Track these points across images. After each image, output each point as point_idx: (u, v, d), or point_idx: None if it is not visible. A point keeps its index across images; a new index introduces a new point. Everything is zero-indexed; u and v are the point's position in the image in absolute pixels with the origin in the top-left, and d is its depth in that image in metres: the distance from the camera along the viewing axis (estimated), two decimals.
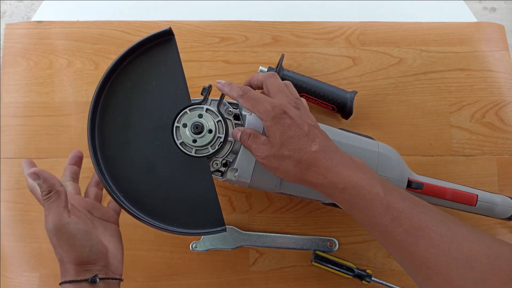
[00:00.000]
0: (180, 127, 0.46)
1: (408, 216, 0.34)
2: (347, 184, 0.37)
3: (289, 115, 0.40)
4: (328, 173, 0.38)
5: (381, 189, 0.36)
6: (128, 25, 0.65)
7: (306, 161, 0.39)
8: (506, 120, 0.64)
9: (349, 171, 0.38)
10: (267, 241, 0.59)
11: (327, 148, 0.40)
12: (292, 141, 0.40)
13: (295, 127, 0.40)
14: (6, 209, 0.59)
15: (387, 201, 0.36)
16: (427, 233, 0.33)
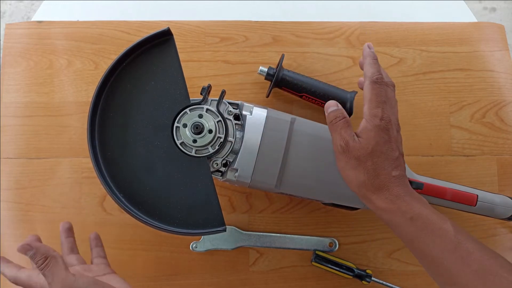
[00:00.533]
0: (180, 127, 0.46)
1: (478, 258, 0.34)
2: (417, 215, 0.38)
3: (389, 134, 0.41)
4: (398, 200, 0.39)
5: (451, 226, 0.37)
6: (128, 25, 0.65)
7: (382, 182, 0.40)
8: (506, 120, 0.64)
9: (419, 204, 0.39)
10: (267, 241, 0.59)
11: (404, 178, 0.41)
12: (379, 156, 0.40)
13: (388, 147, 0.41)
14: (6, 209, 0.59)
15: (457, 239, 0.36)
16: (497, 278, 0.33)
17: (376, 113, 0.41)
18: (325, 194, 0.50)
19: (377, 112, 0.41)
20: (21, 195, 0.60)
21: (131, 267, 0.58)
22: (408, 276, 0.60)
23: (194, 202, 0.45)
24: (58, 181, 0.60)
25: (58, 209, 0.59)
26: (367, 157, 0.40)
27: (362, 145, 0.40)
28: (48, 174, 0.60)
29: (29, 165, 0.60)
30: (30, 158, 0.61)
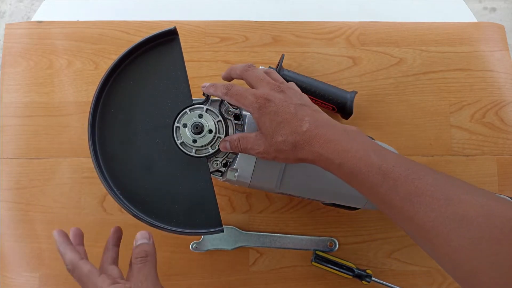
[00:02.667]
0: (180, 127, 0.46)
1: (404, 183, 0.35)
2: (343, 159, 0.38)
3: (273, 101, 0.41)
4: (322, 149, 0.39)
5: (376, 158, 0.37)
6: (128, 25, 0.65)
7: (300, 142, 0.39)
8: (506, 120, 0.64)
9: (343, 144, 0.38)
10: (267, 241, 0.59)
11: (317, 124, 0.40)
12: (282, 126, 0.40)
13: (281, 112, 0.40)
14: (6, 209, 0.59)
15: (382, 171, 0.36)
16: (423, 198, 0.34)
17: (249, 102, 0.41)
18: (325, 194, 0.50)
19: (249, 100, 0.41)
20: (21, 195, 0.60)
21: None
22: (408, 276, 0.60)
23: (193, 202, 0.45)
24: (58, 181, 0.60)
25: (58, 209, 0.59)
26: (274, 136, 0.40)
27: (264, 133, 0.41)
28: (48, 174, 0.60)
29: (29, 165, 0.60)
30: (30, 158, 0.61)
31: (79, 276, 0.41)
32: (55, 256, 0.58)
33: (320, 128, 0.39)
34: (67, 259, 0.42)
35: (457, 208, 0.33)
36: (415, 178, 0.35)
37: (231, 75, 0.46)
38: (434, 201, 0.33)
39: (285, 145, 0.40)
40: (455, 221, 0.32)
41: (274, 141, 0.40)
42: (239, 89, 0.43)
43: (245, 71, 0.45)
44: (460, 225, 0.32)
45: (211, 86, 0.45)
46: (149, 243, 0.44)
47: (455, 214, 0.32)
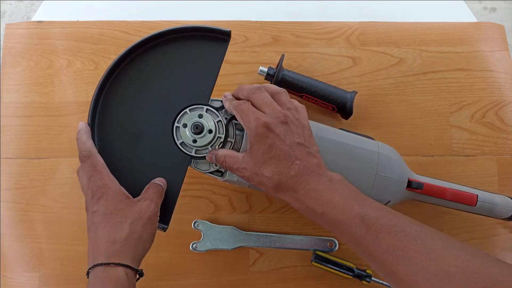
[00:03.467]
0: (180, 127, 0.46)
1: (386, 236, 0.36)
2: (325, 210, 0.38)
3: (273, 132, 0.40)
4: (306, 198, 0.39)
5: (358, 209, 0.37)
6: (128, 25, 0.65)
7: (285, 185, 0.40)
8: (506, 120, 0.64)
9: (326, 195, 0.39)
10: (267, 241, 0.59)
11: (306, 170, 0.40)
12: (272, 162, 0.40)
13: (275, 147, 0.40)
14: (6, 209, 0.59)
15: (365, 223, 0.37)
16: (405, 252, 0.34)
17: (249, 125, 0.41)
18: None
19: (250, 123, 0.41)
20: (21, 195, 0.60)
21: None
22: None
23: None
24: (58, 181, 0.60)
25: (58, 209, 0.59)
26: (262, 168, 0.40)
27: (253, 159, 0.41)
28: (48, 174, 0.60)
29: (29, 165, 0.60)
30: (30, 158, 0.61)
31: (92, 165, 0.43)
32: (55, 256, 0.58)
33: (307, 176, 0.40)
34: (87, 146, 0.44)
35: (438, 263, 0.33)
36: (397, 231, 0.36)
37: (239, 95, 0.46)
38: (416, 256, 0.34)
39: (269, 182, 0.40)
40: (437, 276, 0.33)
41: (260, 172, 0.41)
42: (247, 108, 0.42)
43: (252, 93, 0.44)
44: (441, 280, 0.32)
45: (227, 100, 0.45)
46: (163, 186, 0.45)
47: (437, 269, 0.33)
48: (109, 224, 0.40)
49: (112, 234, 0.40)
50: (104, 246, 0.40)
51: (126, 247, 0.40)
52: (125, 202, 0.42)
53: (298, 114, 0.43)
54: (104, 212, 0.41)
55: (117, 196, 0.42)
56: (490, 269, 0.32)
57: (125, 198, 0.42)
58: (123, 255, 0.40)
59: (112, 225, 0.40)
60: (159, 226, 0.44)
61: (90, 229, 0.42)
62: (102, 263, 0.39)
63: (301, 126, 0.43)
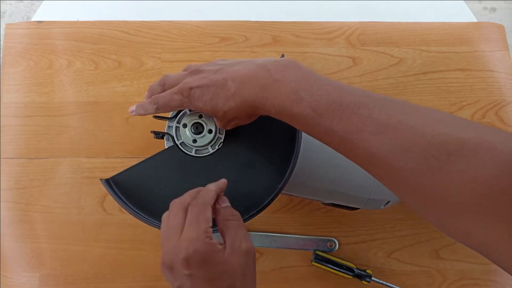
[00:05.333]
0: (180, 127, 0.46)
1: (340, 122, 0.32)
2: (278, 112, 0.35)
3: (195, 85, 0.38)
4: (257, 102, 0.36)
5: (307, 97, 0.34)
6: (128, 25, 0.65)
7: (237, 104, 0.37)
8: (506, 120, 0.64)
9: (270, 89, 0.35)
10: (267, 241, 0.59)
11: (240, 81, 0.37)
12: (214, 100, 0.38)
13: (205, 91, 0.38)
14: (6, 209, 0.59)
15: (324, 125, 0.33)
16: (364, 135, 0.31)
17: (179, 101, 0.39)
18: (325, 194, 0.50)
19: (176, 100, 0.39)
20: (21, 195, 0.60)
21: (131, 267, 0.58)
22: (408, 276, 0.60)
23: None
24: (58, 181, 0.60)
25: (58, 209, 0.59)
26: (218, 112, 0.38)
27: (213, 112, 0.39)
28: (48, 174, 0.60)
29: (29, 165, 0.60)
30: (30, 158, 0.61)
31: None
32: (55, 256, 0.58)
33: (244, 85, 0.36)
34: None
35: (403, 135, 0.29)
36: (352, 114, 0.32)
37: (151, 96, 0.43)
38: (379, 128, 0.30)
39: (231, 113, 0.38)
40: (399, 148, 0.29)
41: (220, 115, 0.39)
42: (163, 95, 0.41)
43: (162, 84, 0.43)
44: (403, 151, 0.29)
45: (139, 107, 0.43)
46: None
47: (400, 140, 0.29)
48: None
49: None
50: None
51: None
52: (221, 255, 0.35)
53: (208, 64, 0.41)
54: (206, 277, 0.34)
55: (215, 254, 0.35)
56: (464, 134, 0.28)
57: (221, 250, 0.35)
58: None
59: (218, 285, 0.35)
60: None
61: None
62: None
63: (212, 64, 0.41)
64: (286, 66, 0.36)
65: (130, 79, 0.63)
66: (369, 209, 0.53)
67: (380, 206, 0.52)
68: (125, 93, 0.62)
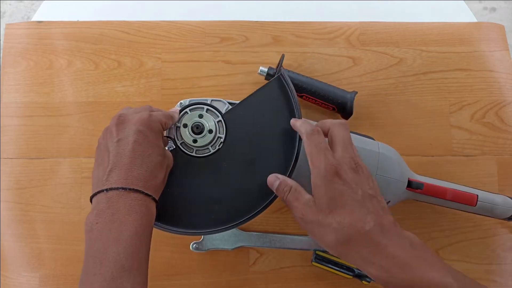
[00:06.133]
0: (181, 127, 0.46)
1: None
2: (416, 282, 0.32)
3: (343, 178, 0.36)
4: (388, 264, 0.33)
5: (456, 284, 0.32)
6: (128, 25, 0.65)
7: (356, 241, 0.34)
8: (506, 120, 0.64)
9: (414, 263, 0.33)
10: (267, 241, 0.59)
11: (383, 228, 0.34)
12: (341, 212, 0.35)
13: (347, 195, 0.35)
14: (6, 209, 0.59)
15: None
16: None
17: (318, 164, 0.37)
18: None
19: (319, 162, 0.37)
20: (21, 195, 0.60)
21: None
22: None
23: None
24: (58, 181, 0.60)
25: (58, 209, 0.59)
26: (329, 217, 0.35)
27: (318, 205, 0.36)
28: (48, 174, 0.60)
29: (29, 165, 0.60)
30: (30, 158, 0.61)
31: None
32: (55, 256, 0.58)
33: (384, 236, 0.34)
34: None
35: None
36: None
37: (321, 126, 0.42)
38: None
39: (336, 235, 0.35)
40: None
41: (326, 221, 0.35)
42: (318, 141, 0.39)
43: (336, 126, 0.40)
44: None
45: (301, 121, 0.43)
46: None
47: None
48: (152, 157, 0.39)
49: (155, 170, 0.38)
50: (145, 174, 0.37)
51: (158, 186, 0.39)
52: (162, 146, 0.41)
53: (366, 169, 0.39)
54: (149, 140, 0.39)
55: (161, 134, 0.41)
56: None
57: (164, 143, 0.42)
58: (154, 192, 0.38)
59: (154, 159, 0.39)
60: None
61: (122, 143, 0.38)
62: (142, 191, 0.36)
63: (371, 179, 0.38)
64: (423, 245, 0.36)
65: (130, 79, 0.63)
66: None
67: None
68: (125, 93, 0.62)
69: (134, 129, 0.39)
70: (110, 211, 0.34)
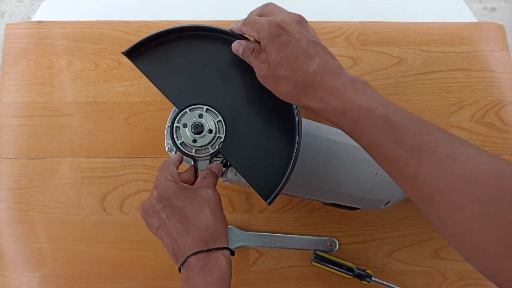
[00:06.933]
0: (180, 127, 0.46)
1: (411, 137, 0.33)
2: (347, 108, 0.35)
3: (286, 30, 0.38)
4: (326, 96, 0.36)
5: (383, 110, 0.34)
6: (128, 25, 0.65)
7: (303, 83, 0.37)
8: (506, 120, 0.64)
9: (348, 93, 0.36)
10: (267, 241, 0.59)
11: (326, 67, 0.37)
12: (288, 60, 0.37)
13: (292, 44, 0.37)
14: (6, 209, 0.59)
15: (388, 123, 0.33)
16: (430, 155, 0.31)
17: (261, 27, 0.39)
18: (325, 194, 0.50)
19: (261, 25, 0.39)
20: (21, 195, 0.60)
21: (131, 267, 0.58)
22: (408, 276, 0.60)
23: None
24: (58, 181, 0.60)
25: (58, 209, 0.59)
26: (278, 68, 0.38)
27: (269, 60, 0.39)
28: (48, 174, 0.60)
29: (29, 165, 0.60)
30: (30, 158, 0.61)
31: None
32: (55, 256, 0.58)
33: (327, 73, 0.37)
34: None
35: (466, 168, 0.30)
36: (424, 134, 0.32)
37: (249, 19, 0.43)
38: (442, 158, 0.31)
39: (287, 82, 0.38)
40: (463, 179, 0.30)
41: (276, 72, 0.38)
42: (256, 18, 0.41)
43: (262, 8, 0.43)
44: (468, 184, 0.29)
45: (239, 23, 0.43)
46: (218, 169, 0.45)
47: (464, 173, 0.30)
48: (188, 215, 0.40)
49: (199, 223, 0.39)
50: (196, 235, 0.39)
51: (218, 230, 0.40)
52: (191, 192, 0.41)
53: (308, 25, 0.41)
54: (174, 205, 0.40)
55: (179, 189, 0.41)
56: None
57: (189, 189, 0.42)
58: (218, 238, 0.40)
59: (192, 215, 0.40)
60: None
61: (161, 227, 0.40)
62: (202, 250, 0.38)
63: (312, 31, 0.41)
64: (364, 83, 0.38)
65: (130, 79, 0.63)
66: (369, 209, 0.53)
67: (380, 206, 0.53)
68: (125, 93, 0.62)
69: (159, 209, 0.40)
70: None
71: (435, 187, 0.31)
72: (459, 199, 0.29)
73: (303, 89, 0.37)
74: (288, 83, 0.38)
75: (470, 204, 0.29)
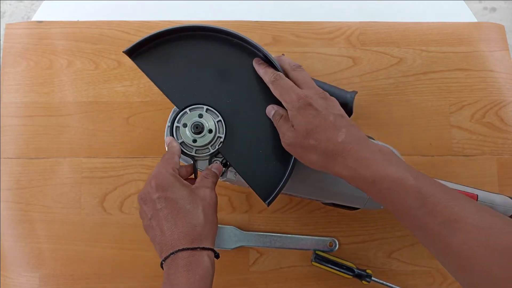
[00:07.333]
0: (180, 127, 0.46)
1: (443, 208, 0.34)
2: (377, 178, 0.37)
3: (314, 106, 0.41)
4: (356, 165, 0.38)
5: (414, 181, 0.36)
6: (128, 25, 0.65)
7: (332, 152, 0.39)
8: (506, 120, 0.64)
9: (378, 162, 0.37)
10: (267, 241, 0.59)
11: (354, 138, 0.39)
12: (317, 130, 0.40)
13: (320, 117, 0.40)
14: (6, 209, 0.59)
15: (421, 194, 0.35)
16: (462, 225, 0.33)
17: (291, 99, 0.42)
18: (325, 194, 0.50)
19: (291, 97, 0.42)
20: (21, 195, 0.60)
21: (131, 267, 0.58)
22: (408, 276, 0.60)
23: None
24: (58, 181, 0.60)
25: (58, 209, 0.59)
26: (307, 138, 0.40)
27: (297, 130, 0.41)
28: (48, 174, 0.60)
29: (29, 165, 0.60)
30: (30, 158, 0.61)
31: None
32: (55, 256, 0.58)
33: (355, 143, 0.39)
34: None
35: (499, 238, 0.31)
36: (455, 205, 0.34)
37: (281, 64, 0.46)
38: (474, 229, 0.32)
39: (316, 151, 0.40)
40: (497, 251, 0.31)
41: (305, 142, 0.40)
42: (285, 83, 0.43)
43: (292, 70, 0.45)
44: (501, 255, 0.30)
45: (263, 66, 0.45)
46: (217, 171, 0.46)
47: (496, 243, 0.31)
48: (181, 210, 0.40)
49: (189, 219, 0.40)
50: (183, 230, 0.39)
51: (205, 231, 0.40)
52: (188, 188, 0.42)
53: (333, 98, 0.44)
54: (169, 198, 0.41)
55: (177, 183, 0.42)
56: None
57: (187, 185, 0.42)
58: (204, 239, 0.40)
59: (184, 210, 0.40)
60: None
61: (154, 217, 0.41)
62: (187, 248, 0.38)
63: (338, 105, 0.43)
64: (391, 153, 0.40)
65: (130, 79, 0.63)
66: (369, 208, 0.53)
67: (380, 206, 0.52)
68: (125, 93, 0.62)
69: (154, 198, 0.41)
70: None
71: (470, 257, 0.32)
72: (493, 269, 0.31)
73: (332, 158, 0.39)
74: (317, 152, 0.40)
75: (506, 275, 0.30)
